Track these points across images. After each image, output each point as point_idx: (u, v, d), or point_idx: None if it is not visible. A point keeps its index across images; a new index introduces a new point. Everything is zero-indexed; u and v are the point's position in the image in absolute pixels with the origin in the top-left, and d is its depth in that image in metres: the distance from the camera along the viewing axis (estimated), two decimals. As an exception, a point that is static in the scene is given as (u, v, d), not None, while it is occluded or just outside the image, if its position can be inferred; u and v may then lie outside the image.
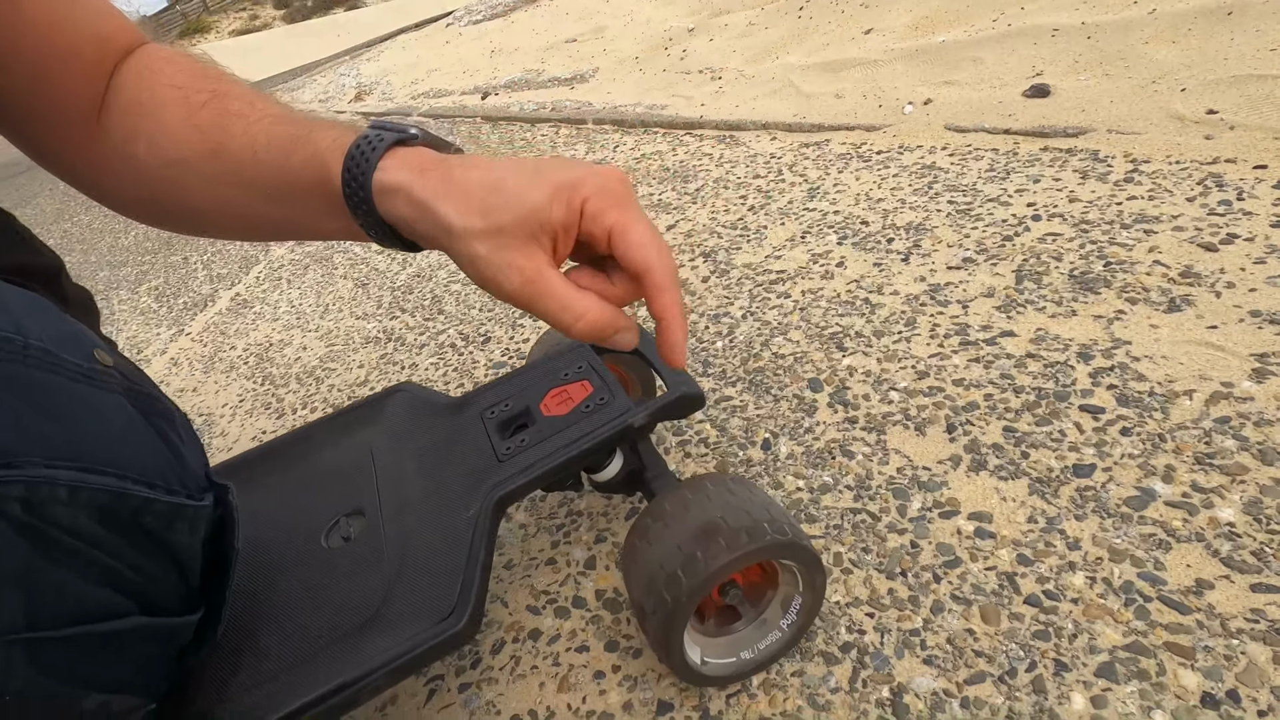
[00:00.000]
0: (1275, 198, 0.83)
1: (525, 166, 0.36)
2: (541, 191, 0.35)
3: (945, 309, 0.81)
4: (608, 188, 0.36)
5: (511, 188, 0.35)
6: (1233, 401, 0.60)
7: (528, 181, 0.35)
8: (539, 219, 0.35)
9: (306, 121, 0.41)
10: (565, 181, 0.35)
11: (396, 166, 0.37)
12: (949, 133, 1.24)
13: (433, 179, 0.36)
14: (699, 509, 0.47)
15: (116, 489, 0.34)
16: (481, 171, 0.36)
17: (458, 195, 0.35)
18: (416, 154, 0.37)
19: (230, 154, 0.41)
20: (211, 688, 0.44)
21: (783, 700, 0.49)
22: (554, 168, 0.36)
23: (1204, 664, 0.45)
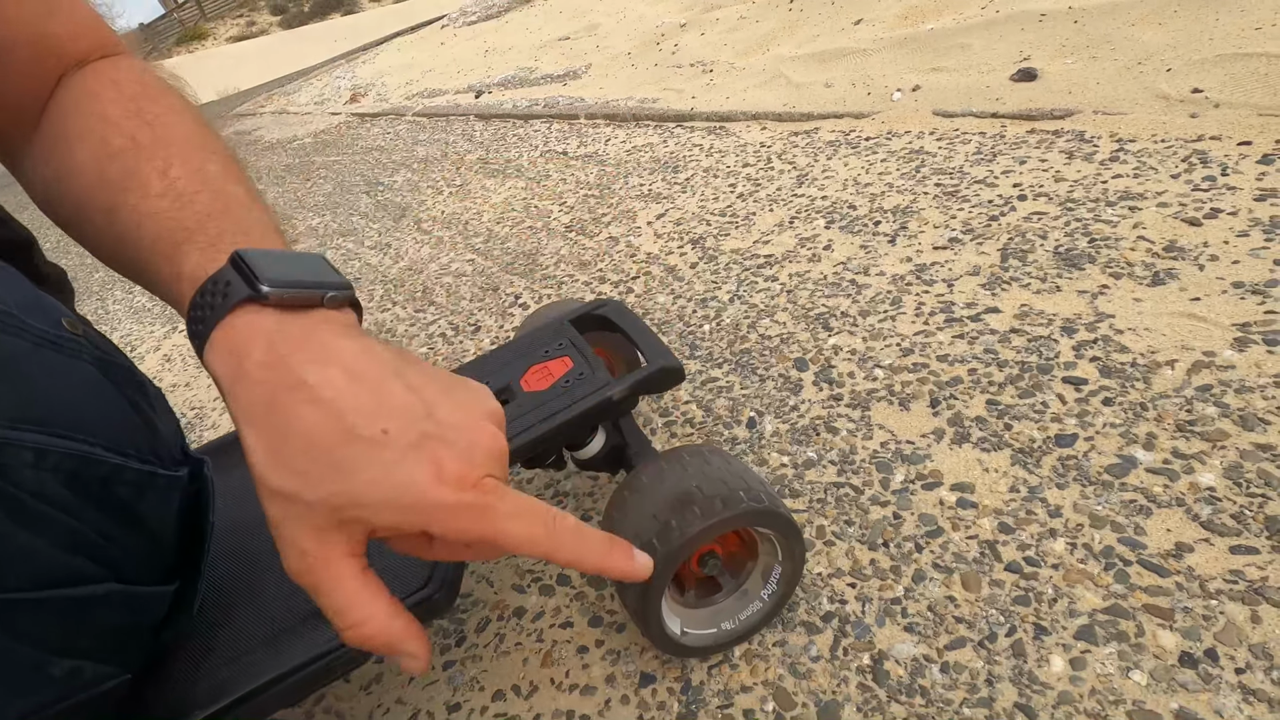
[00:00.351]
0: (1259, 172, 0.82)
1: (370, 430, 0.27)
2: (374, 493, 0.27)
3: (931, 288, 0.81)
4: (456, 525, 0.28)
5: (337, 459, 0.26)
6: (1214, 370, 0.60)
7: (363, 460, 0.27)
8: (354, 514, 0.27)
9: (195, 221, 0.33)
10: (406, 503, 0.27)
11: (224, 348, 0.28)
12: (937, 118, 1.24)
13: (258, 390, 0.27)
14: (674, 479, 0.47)
15: (85, 454, 0.34)
16: (318, 411, 0.27)
17: (270, 431, 0.27)
18: (261, 336, 0.28)
19: (120, 224, 0.35)
20: (188, 661, 0.44)
21: (764, 670, 0.49)
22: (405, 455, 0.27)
23: (1183, 624, 0.45)
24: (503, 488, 0.29)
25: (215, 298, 0.29)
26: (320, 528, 0.27)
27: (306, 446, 0.26)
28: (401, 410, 0.28)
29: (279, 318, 0.29)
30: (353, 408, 0.27)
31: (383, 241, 1.55)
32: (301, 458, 0.27)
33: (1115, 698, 0.42)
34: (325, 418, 0.27)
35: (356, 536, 0.28)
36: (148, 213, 0.33)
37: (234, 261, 0.29)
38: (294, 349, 0.28)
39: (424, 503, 0.27)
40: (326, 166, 2.43)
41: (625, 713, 0.49)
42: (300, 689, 0.42)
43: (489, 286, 1.17)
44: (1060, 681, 0.44)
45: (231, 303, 0.28)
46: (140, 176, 0.34)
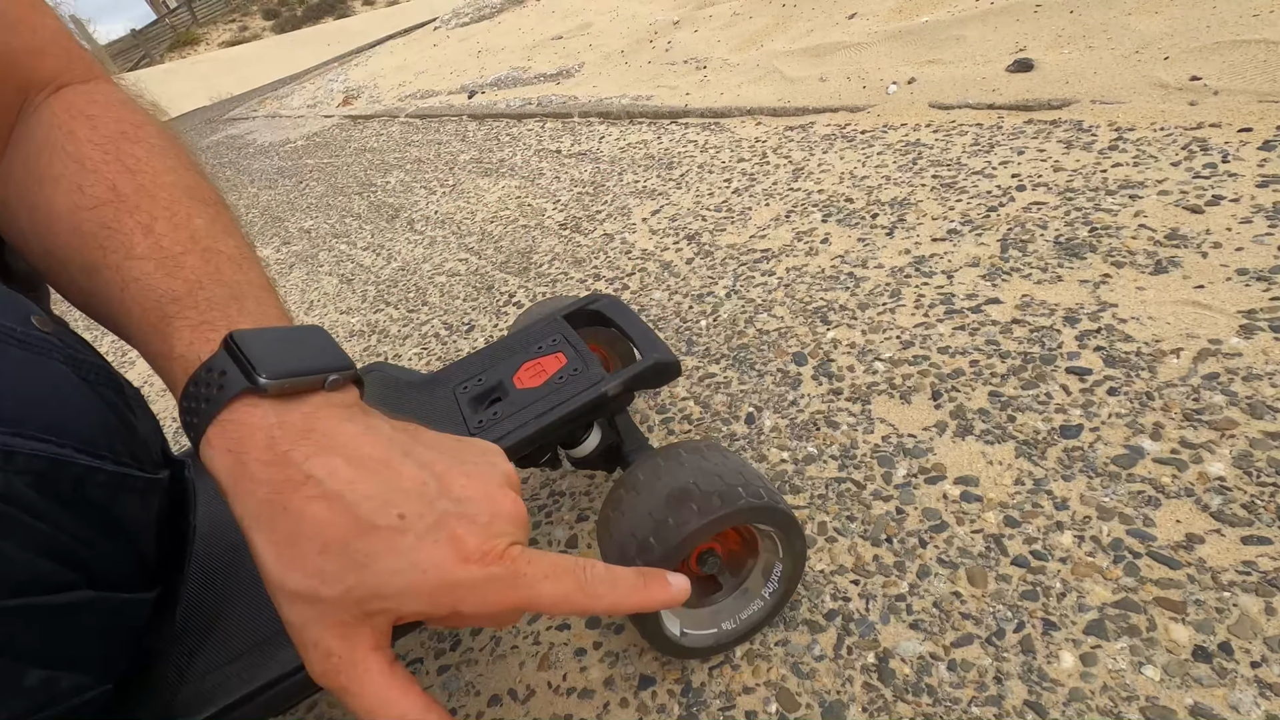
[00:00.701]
0: (1260, 159, 0.81)
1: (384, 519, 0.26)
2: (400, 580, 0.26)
3: (930, 280, 0.80)
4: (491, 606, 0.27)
5: (360, 551, 0.26)
6: (1221, 358, 0.59)
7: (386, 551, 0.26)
8: (379, 605, 0.26)
9: (184, 288, 0.31)
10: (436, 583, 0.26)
11: (222, 447, 0.27)
12: (933, 110, 1.23)
13: (255, 490, 0.26)
14: (671, 475, 0.46)
15: (54, 455, 0.33)
16: (325, 510, 0.26)
17: (280, 533, 0.26)
18: (248, 433, 0.27)
19: (103, 284, 0.33)
20: (173, 669, 0.43)
21: (766, 670, 0.48)
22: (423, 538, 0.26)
23: (1195, 618, 0.43)
24: (529, 552, 0.28)
25: (210, 389, 0.27)
26: (344, 624, 0.26)
27: (320, 544, 0.25)
28: (415, 492, 0.27)
29: (278, 408, 0.27)
30: (364, 496, 0.26)
31: (376, 242, 1.54)
32: (316, 556, 0.25)
33: (1128, 694, 0.41)
34: (336, 512, 0.26)
35: (381, 628, 0.27)
36: (132, 277, 0.31)
37: (228, 347, 0.28)
38: (295, 442, 0.27)
39: (450, 583, 0.26)
40: (319, 169, 2.41)
41: (624, 716, 0.48)
42: (290, 695, 0.41)
43: (483, 286, 1.16)
44: (1071, 678, 0.42)
45: (227, 396, 0.27)
46: (123, 234, 0.32)
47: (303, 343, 0.30)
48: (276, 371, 0.27)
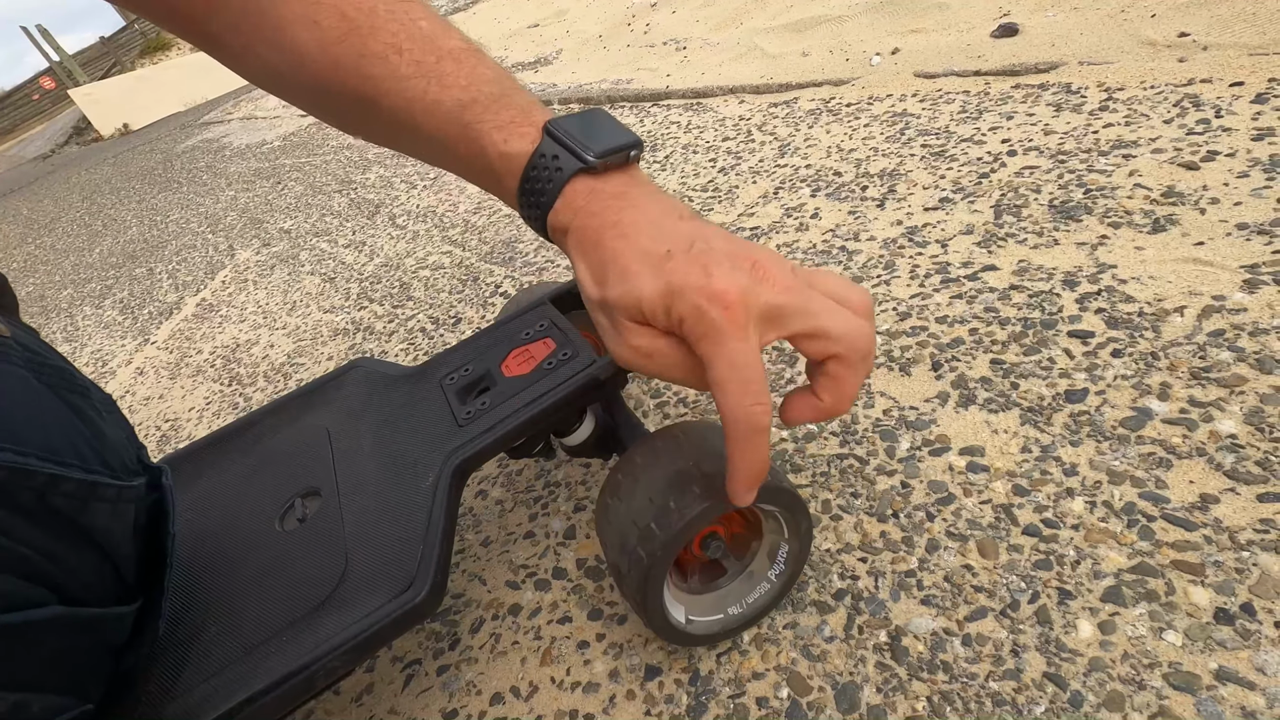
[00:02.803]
0: (1254, 112, 0.80)
1: (657, 250, 0.32)
2: (651, 287, 0.32)
3: (924, 250, 0.79)
4: (702, 313, 0.31)
5: (631, 270, 0.33)
6: (1225, 314, 0.58)
7: (649, 269, 0.32)
8: (642, 310, 0.33)
9: (460, 94, 0.37)
10: (674, 289, 0.31)
11: (567, 208, 0.36)
12: (918, 79, 1.21)
13: (590, 233, 0.35)
14: (670, 458, 0.44)
15: (14, 464, 0.31)
16: (625, 241, 0.34)
17: (594, 257, 0.35)
18: (589, 193, 0.36)
19: (383, 111, 0.38)
20: (157, 686, 0.41)
21: (775, 654, 0.47)
22: (679, 266, 0.31)
23: (1215, 579, 0.42)
24: (750, 329, 0.31)
25: (550, 171, 0.36)
26: (620, 325, 0.34)
27: (612, 265, 0.33)
28: (684, 237, 0.33)
29: (602, 179, 0.36)
30: (647, 236, 0.33)
31: (357, 239, 1.51)
32: (610, 275, 0.34)
33: (1150, 661, 0.40)
34: (627, 244, 0.33)
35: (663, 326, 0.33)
36: (410, 99, 0.37)
37: (551, 135, 0.36)
38: (615, 200, 0.35)
39: (680, 290, 0.31)
40: (297, 168, 2.37)
41: (631, 708, 0.47)
42: (282, 704, 0.39)
43: (468, 277, 1.14)
44: (1090, 648, 0.41)
45: (567, 176, 0.35)
46: (380, 60, 0.37)
47: (598, 123, 0.37)
48: (600, 152, 0.35)
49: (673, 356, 0.33)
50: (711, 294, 0.30)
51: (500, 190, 0.39)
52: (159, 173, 3.50)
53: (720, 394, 0.31)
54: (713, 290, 0.30)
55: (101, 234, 2.56)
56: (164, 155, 4.06)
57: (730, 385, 0.31)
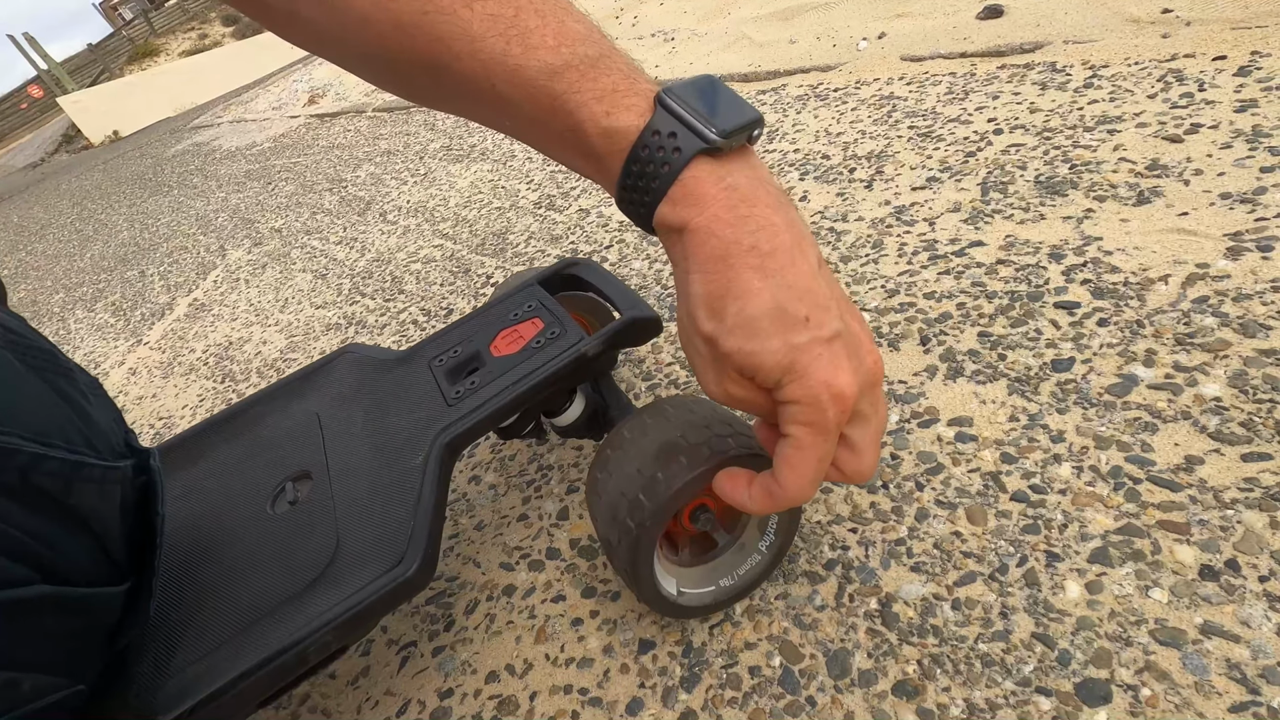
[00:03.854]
0: (1237, 85, 0.80)
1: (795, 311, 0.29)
2: (776, 359, 0.29)
3: (912, 228, 0.79)
4: (820, 407, 0.29)
5: (760, 327, 0.29)
6: (1209, 281, 0.58)
7: (779, 334, 0.29)
8: (752, 371, 0.30)
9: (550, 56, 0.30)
10: (798, 370, 0.29)
11: (687, 200, 0.30)
12: (905, 63, 1.21)
13: (717, 243, 0.29)
14: (658, 431, 0.44)
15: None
16: (757, 283, 0.29)
17: (717, 281, 0.29)
18: (717, 187, 0.30)
19: (457, 77, 0.31)
20: (151, 666, 0.41)
21: (768, 624, 0.47)
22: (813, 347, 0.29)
23: (1200, 537, 0.42)
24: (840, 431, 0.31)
25: (665, 152, 0.29)
26: (723, 372, 0.31)
27: (738, 305, 0.29)
28: (824, 306, 0.29)
29: (727, 166, 0.30)
30: (788, 287, 0.29)
31: (348, 236, 1.50)
32: (732, 315, 0.29)
33: (1136, 618, 0.40)
34: (764, 287, 0.29)
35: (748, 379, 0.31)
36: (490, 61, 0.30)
37: (666, 107, 0.30)
38: (750, 208, 0.29)
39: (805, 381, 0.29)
40: (287, 168, 2.36)
41: (625, 682, 0.47)
42: (275, 679, 0.39)
43: (460, 269, 1.14)
44: (1078, 607, 0.41)
45: (687, 157, 0.29)
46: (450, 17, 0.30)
47: (719, 94, 0.31)
48: (724, 129, 0.29)
49: (763, 405, 0.32)
50: (836, 394, 0.29)
51: (599, 172, 0.32)
52: (149, 177, 3.49)
53: (791, 475, 0.31)
54: (838, 390, 0.29)
55: (93, 239, 2.55)
56: (154, 160, 4.05)
57: (806, 474, 0.31)
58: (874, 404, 0.31)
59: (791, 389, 0.29)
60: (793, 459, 0.31)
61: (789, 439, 0.31)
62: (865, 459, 0.32)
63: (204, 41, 15.62)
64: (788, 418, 0.30)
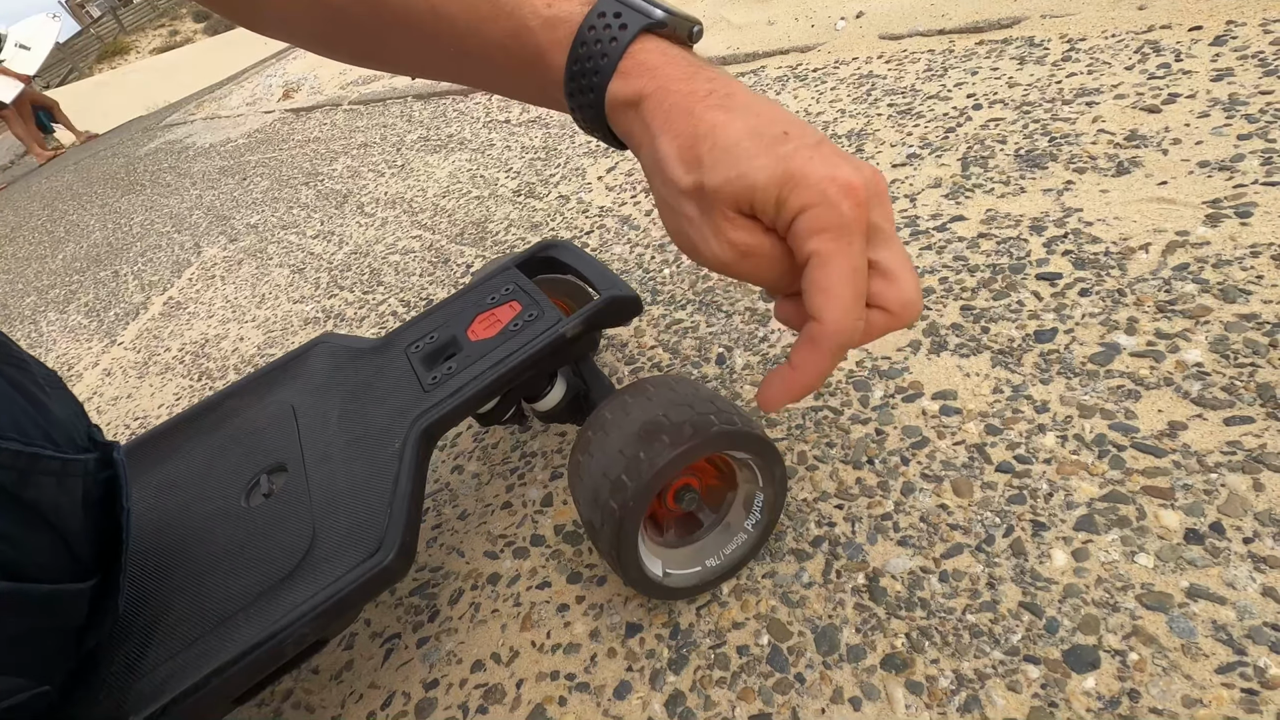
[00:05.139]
0: (1213, 54, 0.80)
1: (771, 131, 0.27)
2: (765, 171, 0.27)
3: (893, 204, 0.78)
4: (833, 205, 0.26)
5: (742, 148, 0.27)
6: (1189, 248, 0.58)
7: (761, 148, 0.27)
8: (753, 200, 0.27)
9: None
10: (794, 174, 0.26)
11: (638, 70, 0.29)
12: (883, 41, 1.20)
13: (677, 99, 0.28)
14: (639, 410, 0.43)
15: (-58, 435, 0.29)
16: (729, 114, 0.28)
17: (684, 131, 0.28)
18: (665, 56, 0.29)
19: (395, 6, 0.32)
20: (122, 665, 0.40)
21: (755, 603, 0.46)
22: (802, 151, 0.26)
23: (1184, 502, 0.42)
24: (865, 237, 0.27)
25: (611, 30, 0.29)
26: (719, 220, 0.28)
27: (713, 142, 0.28)
28: (796, 122, 0.28)
29: (675, 47, 0.30)
30: (757, 114, 0.28)
31: (325, 230, 1.48)
32: (710, 154, 0.28)
33: (1123, 584, 0.40)
34: (733, 119, 0.28)
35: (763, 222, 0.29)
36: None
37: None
38: (703, 68, 0.29)
39: (807, 178, 0.26)
40: (263, 164, 2.32)
41: (613, 666, 0.46)
42: (251, 673, 0.38)
43: (439, 260, 1.12)
44: (1064, 575, 0.41)
45: (634, 32, 0.29)
46: None
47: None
48: (666, 9, 0.29)
49: (774, 255, 0.28)
50: (842, 183, 0.26)
51: (544, 74, 0.31)
52: (122, 176, 3.42)
53: (828, 299, 0.26)
54: (844, 180, 0.26)
55: (64, 240, 2.50)
56: (127, 159, 3.97)
57: (844, 292, 0.26)
58: (888, 218, 0.28)
59: (795, 198, 0.26)
60: (822, 280, 0.26)
61: (813, 260, 0.27)
62: (905, 282, 0.28)
63: (175, 39, 15.32)
64: (803, 234, 0.27)
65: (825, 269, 0.26)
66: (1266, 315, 0.51)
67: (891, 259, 0.28)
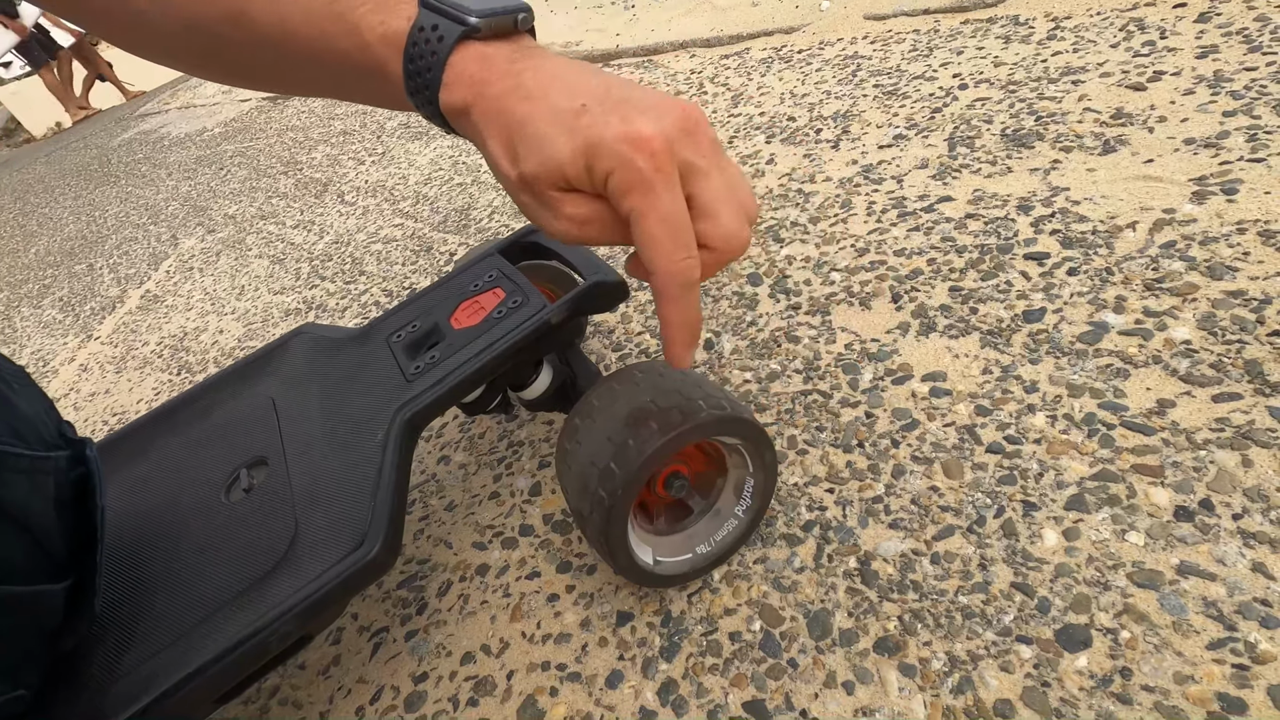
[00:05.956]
0: (1198, 31, 0.80)
1: (570, 106, 0.29)
2: (566, 147, 0.28)
3: (880, 186, 0.78)
4: (627, 162, 0.28)
5: (544, 133, 0.29)
6: (1176, 226, 0.58)
7: (559, 129, 0.29)
8: (565, 175, 0.29)
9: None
10: (592, 143, 0.28)
11: (459, 81, 0.31)
12: (868, 22, 1.19)
13: (491, 103, 0.30)
14: (627, 397, 0.43)
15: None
16: (532, 103, 0.29)
17: (501, 131, 0.30)
18: (483, 62, 0.31)
19: (253, 22, 0.33)
20: (101, 667, 0.39)
21: (747, 589, 0.46)
22: (598, 119, 0.28)
23: (1174, 479, 0.42)
24: (676, 180, 0.29)
25: (432, 44, 0.31)
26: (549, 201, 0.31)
27: (523, 133, 0.30)
28: (597, 89, 0.29)
29: (493, 46, 0.31)
30: (557, 92, 0.29)
31: (305, 219, 1.45)
32: (522, 145, 0.30)
33: (1114, 562, 0.40)
34: (535, 106, 0.29)
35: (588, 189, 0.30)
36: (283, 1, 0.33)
37: (427, 5, 0.31)
38: (513, 62, 0.31)
39: (602, 144, 0.28)
40: (240, 153, 2.28)
41: (604, 655, 0.46)
42: (233, 673, 0.37)
43: (421, 248, 1.10)
44: (1056, 555, 0.41)
45: (451, 43, 0.31)
46: None
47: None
48: (482, 13, 0.31)
49: (609, 218, 0.30)
50: (635, 140, 0.27)
51: (390, 85, 0.33)
52: (95, 168, 3.35)
53: (651, 250, 0.29)
54: (636, 136, 0.28)
55: (37, 234, 2.44)
56: (99, 150, 3.88)
57: (662, 240, 0.29)
58: (702, 153, 0.29)
59: (598, 165, 0.28)
60: (641, 235, 0.29)
61: (631, 218, 0.29)
62: (721, 220, 0.30)
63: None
64: (615, 196, 0.29)
65: (640, 224, 0.29)
66: (1253, 291, 0.51)
67: (707, 193, 0.29)
